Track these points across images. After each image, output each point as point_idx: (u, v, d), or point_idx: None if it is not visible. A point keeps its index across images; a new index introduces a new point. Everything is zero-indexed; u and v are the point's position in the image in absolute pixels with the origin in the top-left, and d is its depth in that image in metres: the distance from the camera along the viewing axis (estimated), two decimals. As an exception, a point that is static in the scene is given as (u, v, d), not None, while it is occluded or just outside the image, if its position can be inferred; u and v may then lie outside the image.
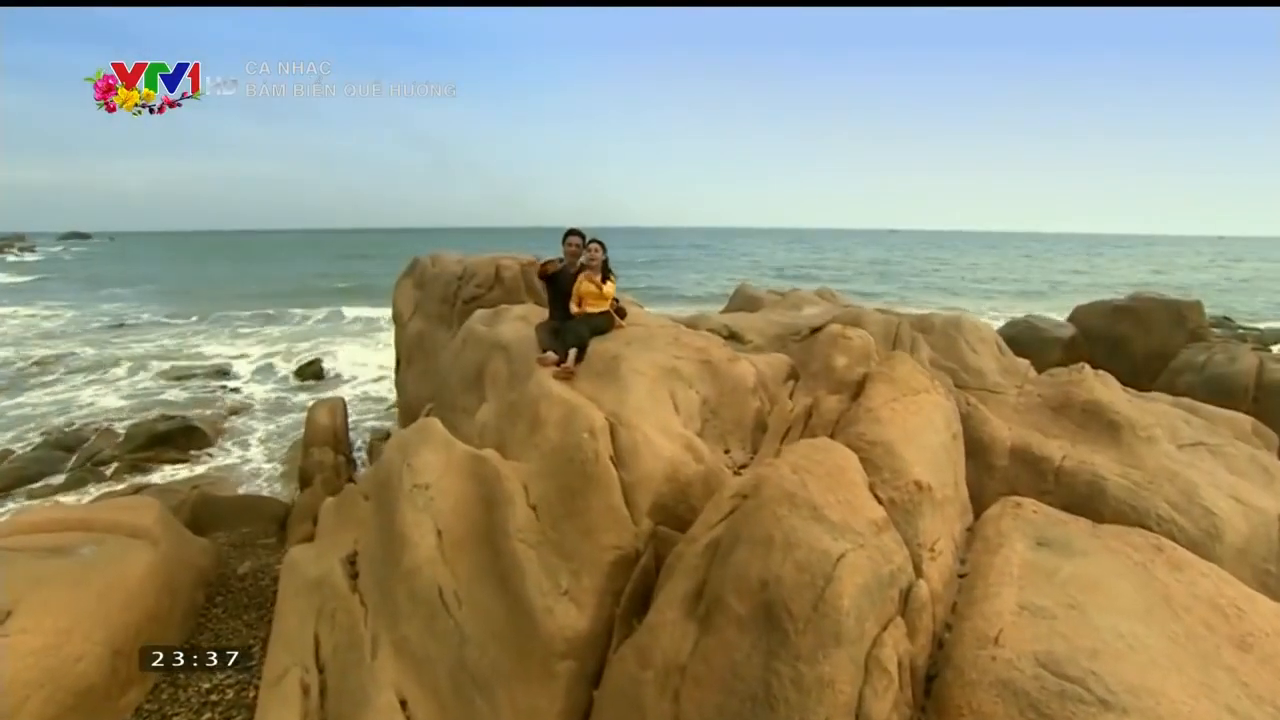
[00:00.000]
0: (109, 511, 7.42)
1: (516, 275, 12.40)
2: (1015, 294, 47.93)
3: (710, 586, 3.31)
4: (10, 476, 13.00)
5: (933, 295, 45.78)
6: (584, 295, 6.04)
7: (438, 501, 4.80)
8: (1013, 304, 39.91)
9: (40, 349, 26.22)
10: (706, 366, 5.53)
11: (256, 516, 11.04)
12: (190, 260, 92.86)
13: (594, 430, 4.46)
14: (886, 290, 48.88)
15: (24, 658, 4.78)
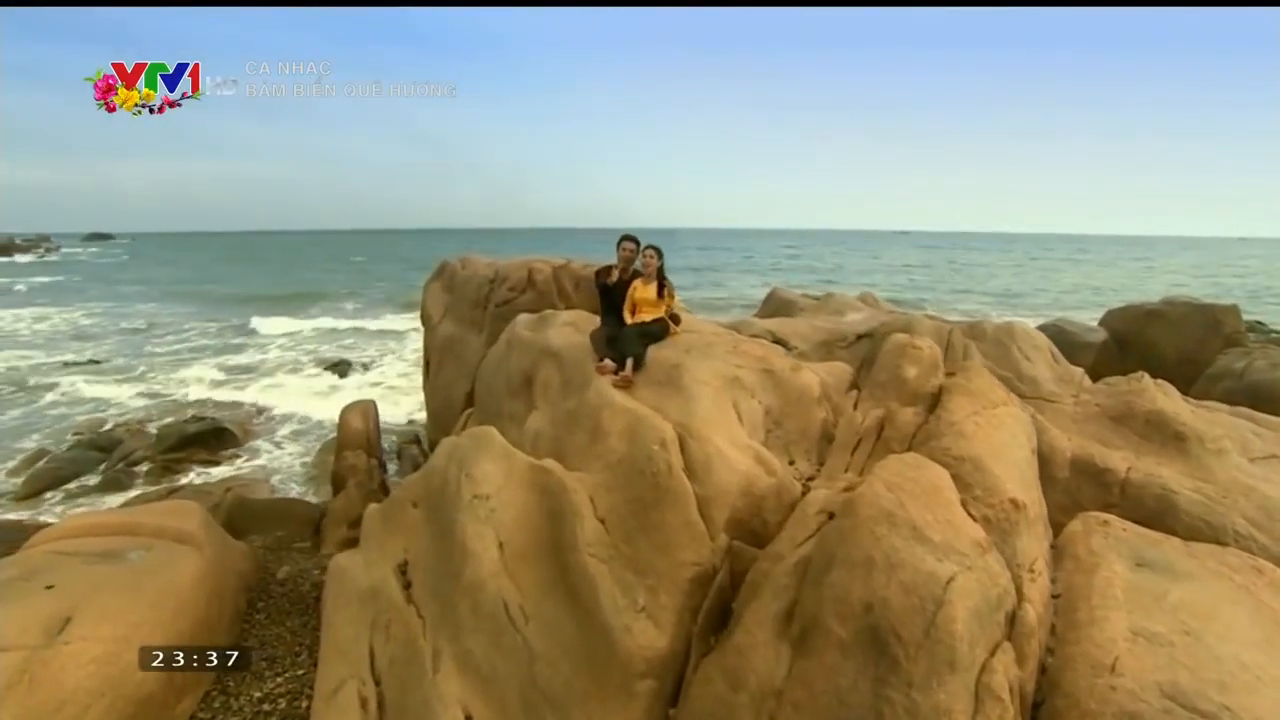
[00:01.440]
0: (154, 516, 7.40)
1: (549, 279, 12.34)
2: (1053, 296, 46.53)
3: (804, 607, 3.21)
4: (48, 476, 13.10)
5: (968, 300, 44.27)
6: (639, 302, 5.96)
7: (499, 513, 4.72)
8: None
9: (71, 349, 26.47)
10: (769, 376, 5.43)
11: (290, 519, 11.03)
12: (209, 260, 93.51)
13: (665, 442, 4.37)
14: (920, 295, 47.88)
15: (85, 665, 4.74)
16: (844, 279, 54.31)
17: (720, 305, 37.29)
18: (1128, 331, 17.13)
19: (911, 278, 60.55)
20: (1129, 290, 46.13)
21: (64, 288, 53.74)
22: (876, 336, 7.89)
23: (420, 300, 16.80)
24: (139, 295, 47.32)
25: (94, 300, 44.61)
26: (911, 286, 51.38)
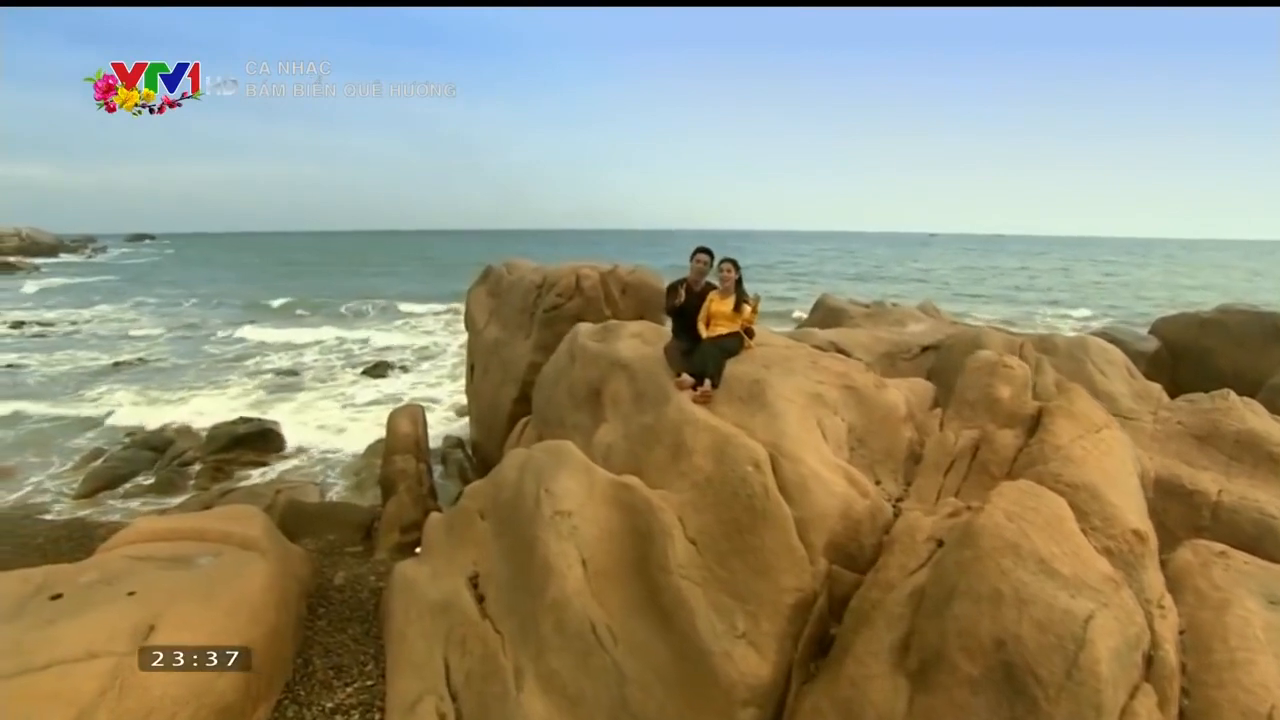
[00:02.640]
0: (219, 521, 7.48)
1: (596, 284, 12.30)
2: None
3: (923, 639, 3.11)
4: (105, 476, 13.34)
5: (1017, 306, 42.10)
6: (714, 315, 5.87)
7: (581, 530, 4.66)
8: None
9: (123, 349, 27.05)
10: (851, 393, 5.33)
11: (342, 524, 11.10)
12: (248, 261, 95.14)
13: (758, 463, 4.28)
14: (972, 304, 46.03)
15: (171, 674, 4.77)
16: (917, 289, 52.16)
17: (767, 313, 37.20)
18: (1181, 340, 16.64)
19: (1011, 282, 58.66)
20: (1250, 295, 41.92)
21: (109, 288, 55.05)
22: (944, 349, 7.73)
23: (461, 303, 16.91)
24: (183, 295, 48.23)
25: (138, 298, 45.76)
26: (1027, 296, 48.06)
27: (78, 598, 5.49)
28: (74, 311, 39.17)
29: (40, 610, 5.34)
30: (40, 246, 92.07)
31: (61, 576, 5.96)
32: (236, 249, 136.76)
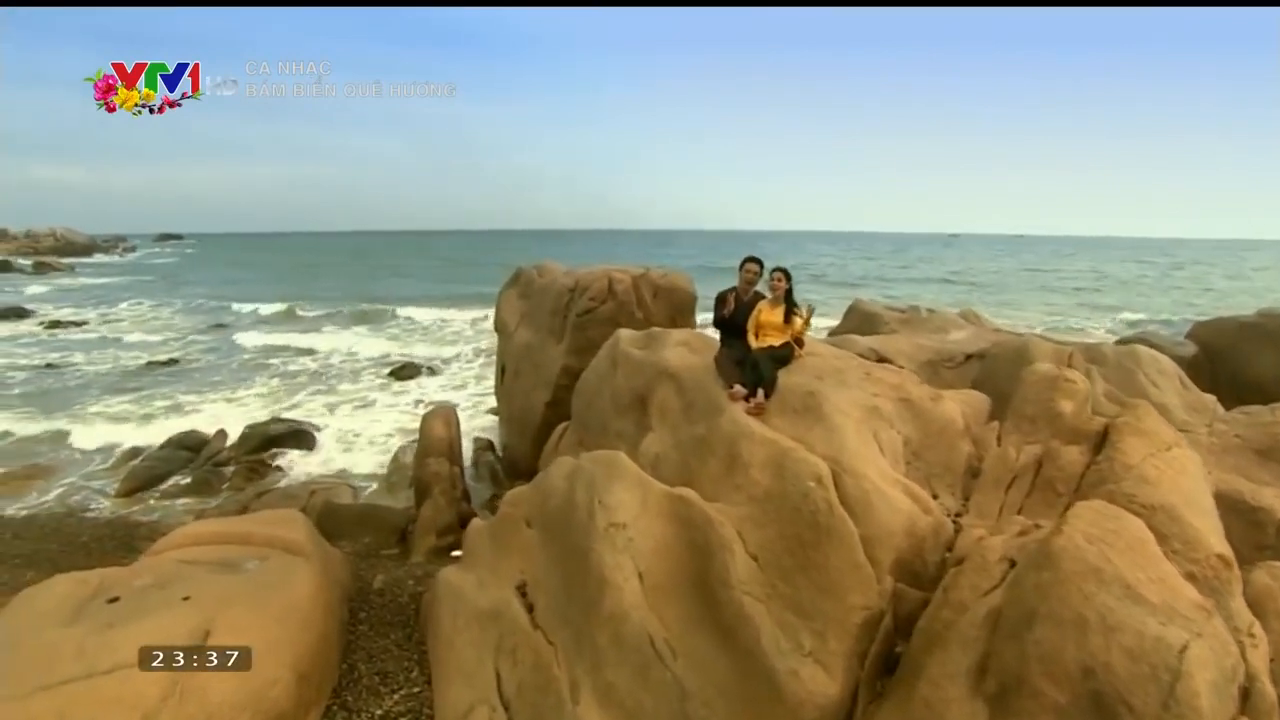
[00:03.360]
0: (263, 525, 7.54)
1: (629, 288, 12.30)
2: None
3: (1001, 662, 3.06)
4: (143, 476, 13.53)
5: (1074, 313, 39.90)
6: (764, 325, 5.83)
7: (637, 542, 4.64)
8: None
9: (156, 348, 27.50)
10: (906, 405, 5.27)
11: (377, 526, 11.16)
12: (272, 260, 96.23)
13: (820, 479, 4.23)
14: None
15: (229, 680, 4.81)
16: (945, 290, 51.14)
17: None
18: (1219, 345, 16.30)
19: (1040, 283, 56.99)
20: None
21: (141, 288, 55.96)
22: (989, 358, 7.63)
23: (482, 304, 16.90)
24: (212, 295, 48.90)
25: (171, 297, 46.50)
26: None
27: (134, 601, 5.56)
28: (108, 310, 39.97)
29: (99, 613, 5.42)
30: (75, 246, 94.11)
31: (116, 579, 6.05)
32: (260, 249, 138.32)
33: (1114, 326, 30.27)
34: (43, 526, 11.31)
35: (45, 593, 5.76)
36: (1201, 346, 16.47)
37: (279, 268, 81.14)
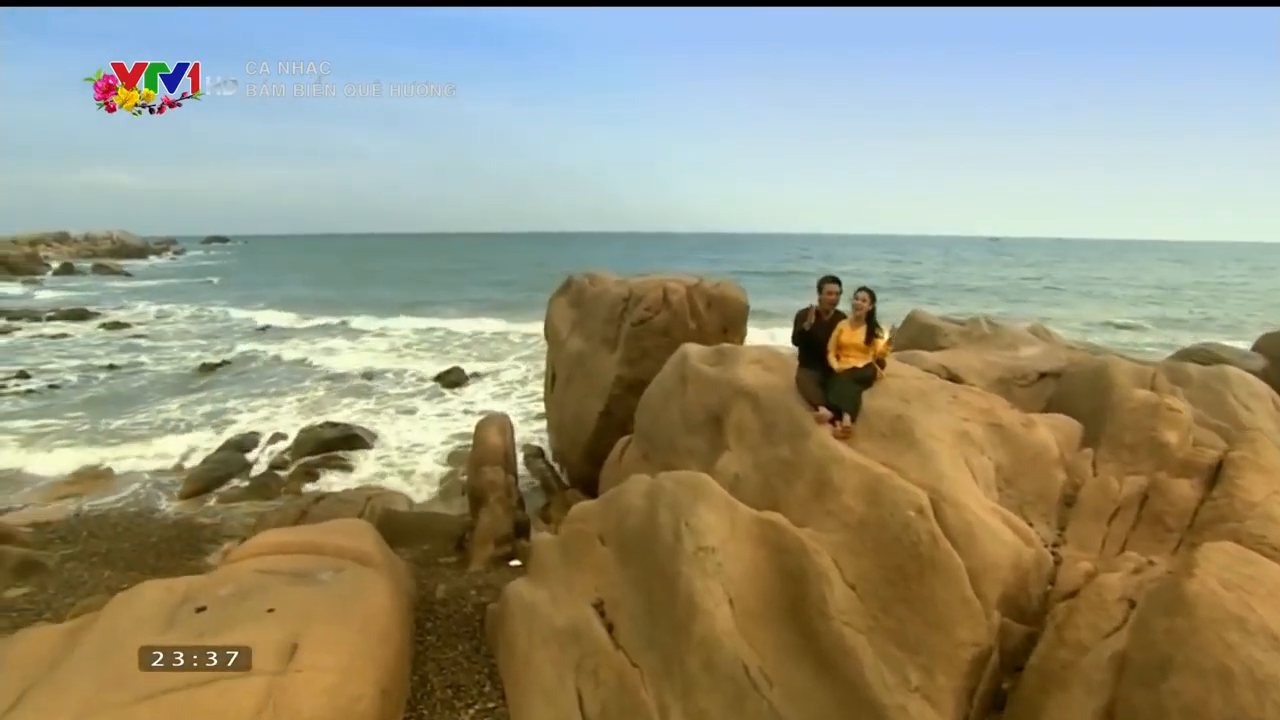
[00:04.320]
0: (333, 535, 7.64)
1: (683, 299, 12.27)
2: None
3: (1133, 710, 2.97)
4: (204, 478, 13.88)
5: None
6: (845, 346, 5.75)
7: (727, 567, 4.60)
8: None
9: (209, 351, 28.23)
10: (997, 430, 5.17)
11: (435, 533, 11.27)
12: (318, 263, 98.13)
13: (921, 509, 4.16)
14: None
15: (318, 695, 4.87)
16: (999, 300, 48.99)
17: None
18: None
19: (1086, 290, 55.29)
20: None
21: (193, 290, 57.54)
22: (1065, 378, 7.45)
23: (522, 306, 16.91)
24: (259, 297, 50.00)
25: (221, 300, 47.74)
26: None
27: (221, 612, 5.67)
28: (163, 312, 41.17)
29: (189, 622, 5.54)
30: (129, 249, 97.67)
31: (201, 588, 6.19)
32: (304, 251, 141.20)
33: (1170, 339, 29.24)
34: (115, 525, 11.67)
35: (138, 599, 5.92)
36: (1271, 360, 15.88)
37: (324, 270, 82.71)
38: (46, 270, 67.13)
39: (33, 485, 13.82)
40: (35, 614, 8.36)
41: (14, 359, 25.47)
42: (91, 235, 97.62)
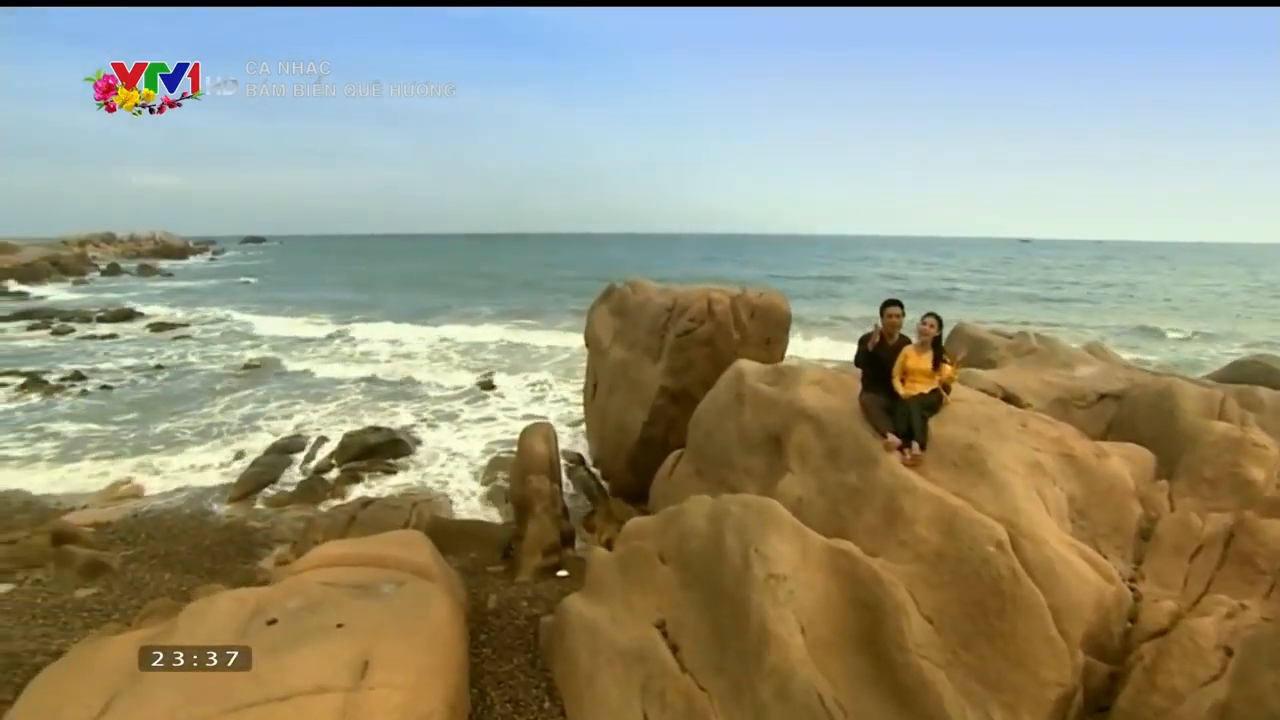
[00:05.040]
0: (391, 548, 7.78)
1: (727, 309, 12.26)
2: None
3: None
4: (252, 481, 14.17)
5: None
6: (910, 371, 5.71)
7: (798, 596, 4.62)
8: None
9: (247, 352, 28.81)
10: (1069, 461, 5.11)
11: (482, 541, 11.40)
12: (352, 264, 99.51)
13: (1000, 544, 4.14)
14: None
15: (390, 713, 4.96)
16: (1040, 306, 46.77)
17: (850, 326, 33.72)
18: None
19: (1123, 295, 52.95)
20: None
21: (232, 291, 58.60)
22: (1127, 400, 7.33)
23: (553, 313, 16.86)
24: (296, 300, 50.83)
25: (261, 302, 48.66)
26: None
27: (292, 625, 5.80)
28: (205, 313, 42.07)
29: (261, 635, 5.67)
30: (172, 249, 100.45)
31: (270, 600, 6.32)
32: (339, 252, 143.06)
33: (1219, 353, 28.11)
34: (170, 527, 11.98)
35: (211, 610, 6.07)
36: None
37: (357, 272, 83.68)
38: (95, 271, 69.07)
39: (88, 486, 14.21)
40: (104, 614, 8.61)
41: (70, 360, 26.28)
42: (136, 236, 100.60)
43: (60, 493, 13.77)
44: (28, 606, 8.76)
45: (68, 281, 60.45)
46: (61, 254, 72.22)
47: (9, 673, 6.85)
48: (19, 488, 13.86)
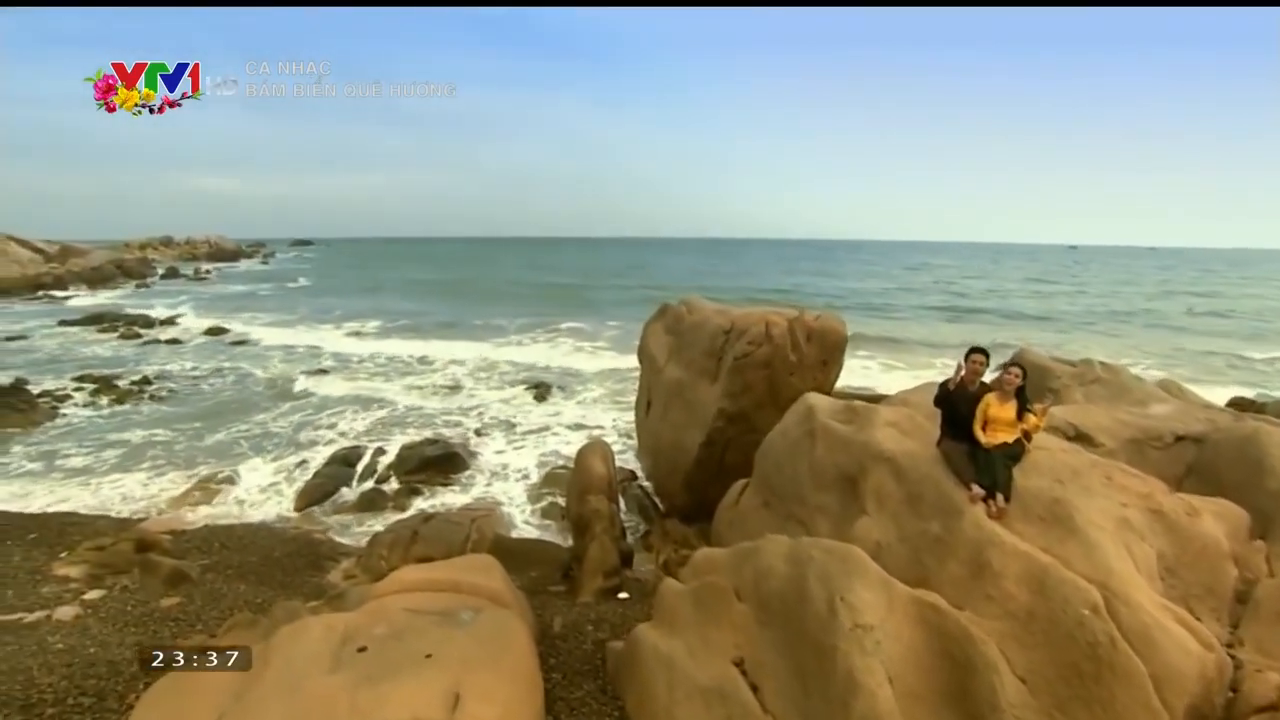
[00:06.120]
0: (465, 573, 7.96)
1: (785, 332, 12.34)
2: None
3: None
4: (314, 492, 14.65)
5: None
6: (993, 420, 5.72)
7: (885, 646, 4.68)
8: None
9: (302, 359, 29.59)
10: (1158, 518, 5.09)
11: (541, 561, 11.63)
12: (401, 267, 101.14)
13: (1096, 608, 4.17)
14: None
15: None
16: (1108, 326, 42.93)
17: (898, 343, 33.07)
18: None
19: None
20: None
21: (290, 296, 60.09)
22: (1208, 444, 7.23)
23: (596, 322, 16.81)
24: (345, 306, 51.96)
25: (311, 307, 49.91)
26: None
27: (381, 654, 6.01)
28: (262, 317, 43.40)
29: (354, 663, 5.90)
30: (225, 252, 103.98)
31: (357, 627, 6.54)
32: (388, 256, 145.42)
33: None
34: (240, 538, 12.41)
35: (305, 635, 6.31)
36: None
37: (407, 275, 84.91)
38: (154, 274, 71.54)
39: (159, 493, 14.75)
40: (189, 624, 8.96)
41: (137, 364, 27.38)
42: (192, 240, 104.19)
43: (134, 499, 14.35)
44: (120, 614, 9.14)
45: (130, 285, 62.82)
46: (125, 258, 75.17)
47: (111, 680, 7.17)
48: (94, 493, 14.54)
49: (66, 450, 16.98)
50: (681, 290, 23.29)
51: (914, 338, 35.11)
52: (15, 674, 7.22)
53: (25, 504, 13.70)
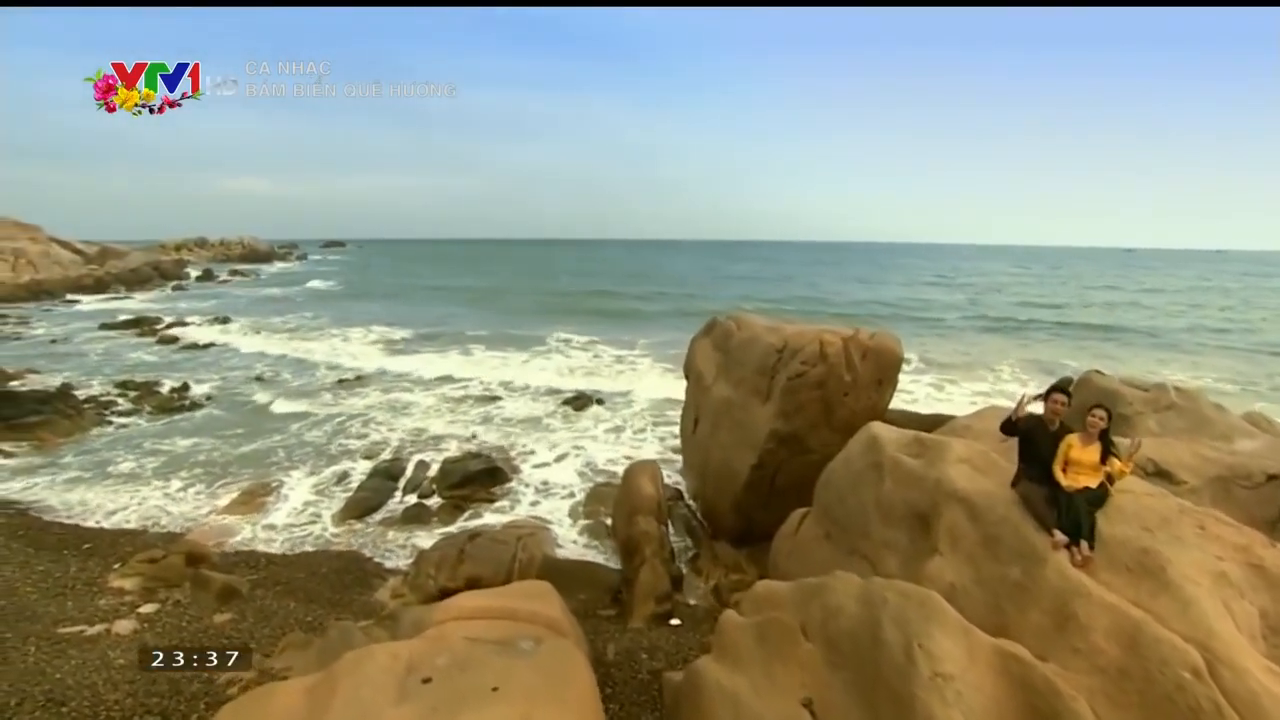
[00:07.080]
0: (523, 601, 7.94)
1: (839, 351, 12.16)
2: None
3: None
4: (358, 506, 14.81)
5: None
6: (1074, 462, 5.55)
7: (966, 697, 4.55)
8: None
9: (343, 368, 29.92)
10: (1258, 573, 4.88)
11: (589, 583, 11.58)
12: (432, 270, 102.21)
13: (1197, 670, 4.01)
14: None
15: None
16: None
17: (962, 362, 31.61)
18: None
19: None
20: None
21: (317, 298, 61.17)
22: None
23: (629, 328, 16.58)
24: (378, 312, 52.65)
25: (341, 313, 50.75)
26: None
27: (447, 685, 6.00)
28: (295, 321, 44.37)
29: (420, 694, 5.90)
30: (259, 253, 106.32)
31: (420, 657, 6.55)
32: (424, 258, 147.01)
33: None
34: (286, 554, 12.62)
35: (369, 663, 6.34)
36: None
37: (437, 280, 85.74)
38: (189, 276, 73.48)
39: (204, 504, 15.01)
40: (242, 642, 9.06)
41: (175, 371, 27.98)
42: (226, 240, 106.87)
43: (180, 510, 14.60)
44: (175, 629, 9.29)
45: (167, 287, 64.53)
46: (161, 259, 77.20)
47: (173, 699, 7.26)
48: (141, 503, 14.87)
49: (116, 459, 17.35)
50: (726, 302, 23.07)
51: (975, 358, 32.90)
52: (83, 689, 7.39)
53: (83, 517, 13.99)
